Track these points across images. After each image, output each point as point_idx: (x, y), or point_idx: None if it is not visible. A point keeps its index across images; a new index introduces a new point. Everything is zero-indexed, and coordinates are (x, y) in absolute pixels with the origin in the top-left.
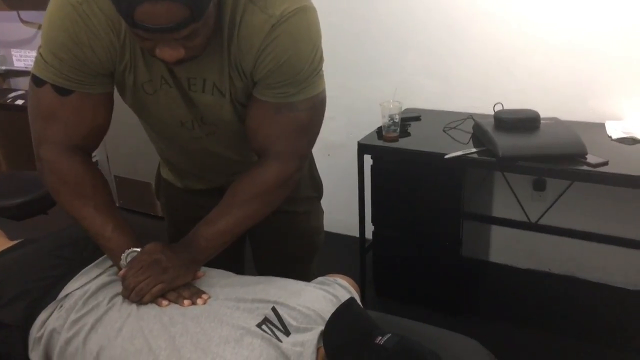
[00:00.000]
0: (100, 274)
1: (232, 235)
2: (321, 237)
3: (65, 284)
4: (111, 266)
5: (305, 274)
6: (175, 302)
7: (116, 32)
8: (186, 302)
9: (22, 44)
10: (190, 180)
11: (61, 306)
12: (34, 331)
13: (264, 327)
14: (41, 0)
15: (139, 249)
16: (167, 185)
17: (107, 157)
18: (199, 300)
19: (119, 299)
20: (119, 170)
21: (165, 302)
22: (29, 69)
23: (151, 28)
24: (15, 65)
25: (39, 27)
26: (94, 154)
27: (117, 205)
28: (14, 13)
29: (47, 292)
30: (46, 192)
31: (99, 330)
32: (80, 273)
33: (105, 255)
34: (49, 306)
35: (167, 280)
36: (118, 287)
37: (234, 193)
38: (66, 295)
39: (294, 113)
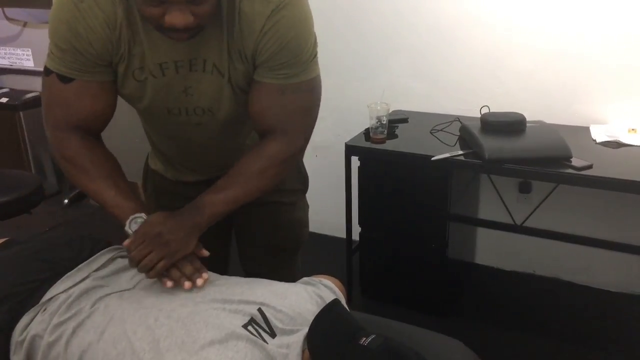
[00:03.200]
0: (84, 278)
1: (236, 204)
2: (306, 231)
3: (49, 287)
4: (96, 270)
5: (289, 267)
6: (178, 282)
7: (112, 27)
8: (187, 283)
9: (6, 41)
10: (180, 171)
11: (45, 309)
12: (16, 334)
13: (249, 328)
14: None
15: (142, 215)
16: (156, 175)
17: None
18: (198, 280)
19: (102, 303)
20: None
21: (169, 283)
22: (14, 67)
23: None
24: (0, 62)
25: (24, 25)
26: None
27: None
28: None
29: (30, 295)
30: (29, 192)
31: (80, 334)
32: (64, 277)
33: (89, 260)
34: (31, 310)
35: (169, 254)
36: (101, 292)
37: (241, 165)
38: (50, 299)
39: (297, 94)
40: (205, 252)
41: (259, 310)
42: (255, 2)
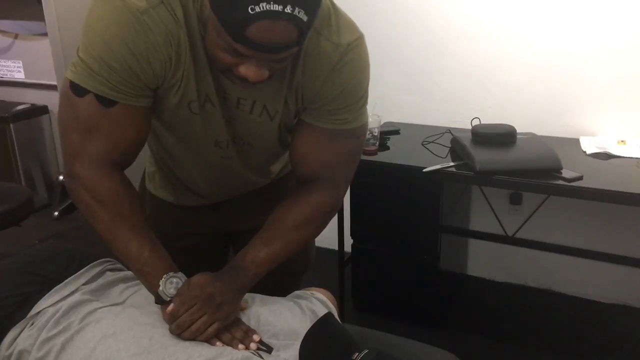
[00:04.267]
0: (73, 292)
1: (280, 261)
2: (313, 252)
3: (37, 301)
4: (84, 284)
5: (295, 289)
6: (230, 344)
7: (174, 45)
8: (240, 346)
9: None
10: (186, 196)
11: (32, 324)
12: (3, 349)
13: None
14: (18, 10)
15: (179, 274)
16: (155, 200)
17: None
18: (252, 345)
19: (93, 318)
20: None
21: (219, 344)
22: (5, 78)
23: (259, 45)
24: None
25: (16, 37)
26: None
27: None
28: None
29: (17, 309)
30: (19, 204)
31: (70, 350)
32: (52, 290)
33: (77, 273)
34: (19, 324)
35: (222, 318)
36: (91, 306)
37: (284, 217)
38: (37, 313)
39: (348, 140)
40: (245, 305)
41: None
42: (321, 43)
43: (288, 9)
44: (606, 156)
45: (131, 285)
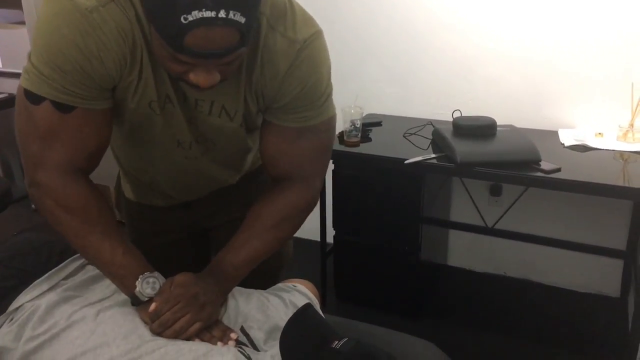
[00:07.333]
0: (53, 287)
1: (259, 260)
2: (289, 250)
3: (16, 296)
4: (65, 278)
5: (273, 284)
6: (209, 342)
7: (128, 44)
8: (220, 344)
9: None
10: (155, 197)
11: (11, 319)
12: None
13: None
14: None
15: (153, 274)
16: (128, 202)
17: None
18: (230, 343)
19: (78, 316)
20: None
21: (197, 341)
22: None
23: (200, 53)
24: None
25: None
26: None
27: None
28: None
29: None
30: None
31: (57, 348)
32: (31, 285)
33: (58, 267)
34: None
35: (204, 318)
36: (77, 303)
37: (260, 217)
38: (17, 308)
39: (316, 136)
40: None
41: (242, 329)
42: (277, 39)
43: (222, 14)
44: (584, 148)
45: None
